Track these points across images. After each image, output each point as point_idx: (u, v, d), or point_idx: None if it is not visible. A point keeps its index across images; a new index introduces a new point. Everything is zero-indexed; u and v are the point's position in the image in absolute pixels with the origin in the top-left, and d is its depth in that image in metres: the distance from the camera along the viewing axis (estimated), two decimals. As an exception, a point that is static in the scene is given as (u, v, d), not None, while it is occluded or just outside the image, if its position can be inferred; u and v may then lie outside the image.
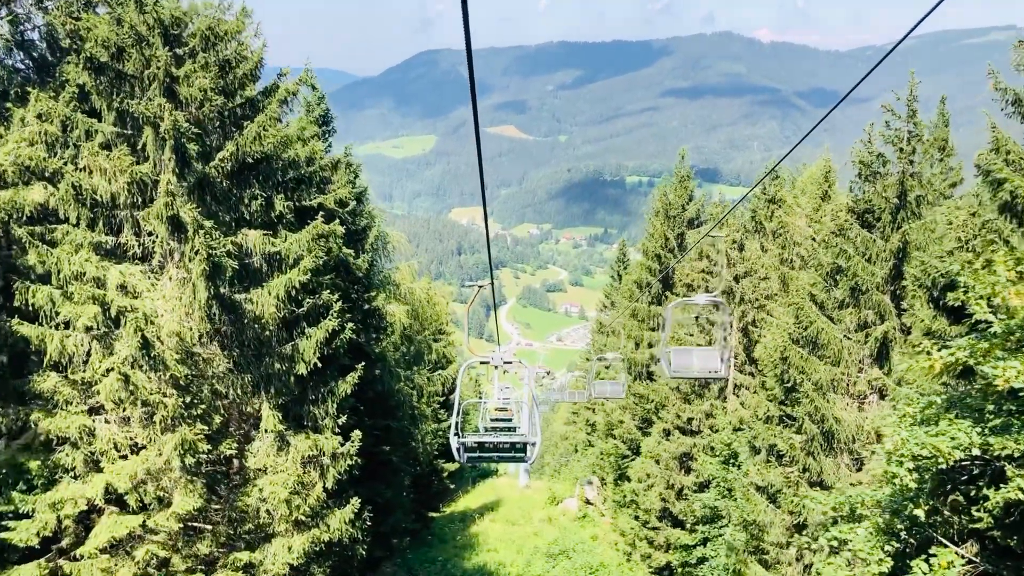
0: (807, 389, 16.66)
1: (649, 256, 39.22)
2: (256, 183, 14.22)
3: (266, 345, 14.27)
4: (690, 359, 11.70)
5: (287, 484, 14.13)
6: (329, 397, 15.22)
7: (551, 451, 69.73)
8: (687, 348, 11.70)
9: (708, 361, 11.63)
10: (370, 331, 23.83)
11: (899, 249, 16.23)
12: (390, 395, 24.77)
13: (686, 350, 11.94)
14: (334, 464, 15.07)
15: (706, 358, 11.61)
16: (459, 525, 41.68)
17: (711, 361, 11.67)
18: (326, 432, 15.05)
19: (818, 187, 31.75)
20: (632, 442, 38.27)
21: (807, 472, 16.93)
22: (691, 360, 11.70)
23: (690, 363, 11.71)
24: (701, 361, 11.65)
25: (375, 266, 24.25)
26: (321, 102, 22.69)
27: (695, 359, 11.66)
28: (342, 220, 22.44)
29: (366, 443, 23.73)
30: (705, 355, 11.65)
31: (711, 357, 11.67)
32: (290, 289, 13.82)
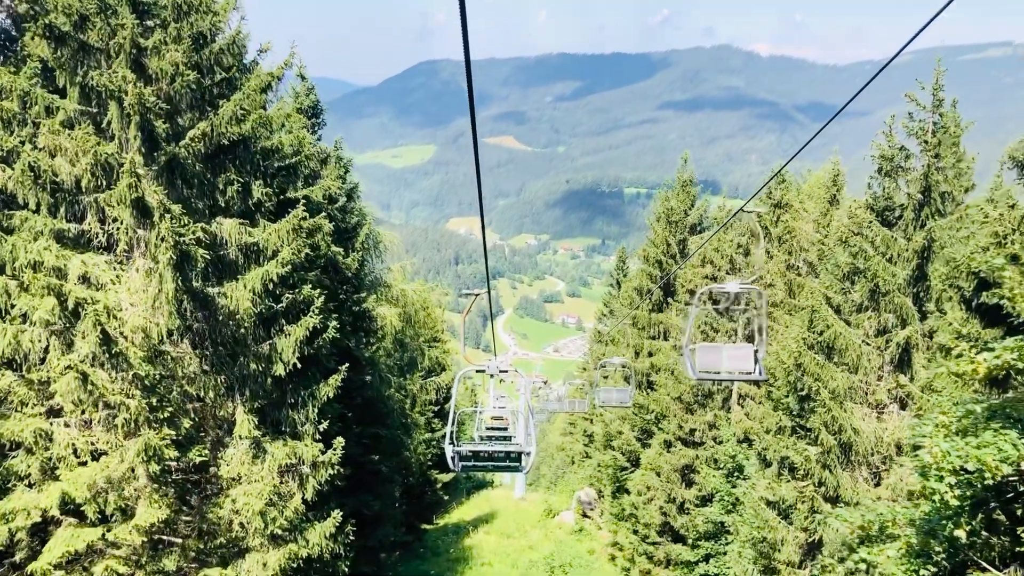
0: (824, 398, 15.56)
1: (650, 262, 38.18)
2: (232, 168, 13.13)
3: (241, 344, 13.15)
4: (718, 358, 9.96)
5: (262, 495, 12.98)
6: (310, 401, 14.07)
7: (547, 462, 68.87)
8: (715, 345, 9.89)
9: (740, 361, 9.94)
10: (360, 334, 22.72)
11: (923, 248, 15.17)
12: (380, 401, 23.63)
13: (714, 347, 10.13)
14: (314, 473, 13.92)
15: (737, 357, 9.93)
16: (452, 537, 40.73)
17: (743, 360, 9.95)
18: (306, 439, 13.90)
19: (826, 191, 30.76)
20: (631, 454, 37.19)
21: (823, 486, 15.81)
22: (719, 359, 9.96)
23: (718, 362, 9.96)
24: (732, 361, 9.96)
25: (366, 266, 23.16)
26: (310, 93, 21.66)
27: (724, 358, 9.96)
28: (331, 216, 21.38)
29: (354, 452, 22.65)
30: (736, 353, 9.99)
31: (743, 356, 9.97)
32: (267, 282, 12.71)
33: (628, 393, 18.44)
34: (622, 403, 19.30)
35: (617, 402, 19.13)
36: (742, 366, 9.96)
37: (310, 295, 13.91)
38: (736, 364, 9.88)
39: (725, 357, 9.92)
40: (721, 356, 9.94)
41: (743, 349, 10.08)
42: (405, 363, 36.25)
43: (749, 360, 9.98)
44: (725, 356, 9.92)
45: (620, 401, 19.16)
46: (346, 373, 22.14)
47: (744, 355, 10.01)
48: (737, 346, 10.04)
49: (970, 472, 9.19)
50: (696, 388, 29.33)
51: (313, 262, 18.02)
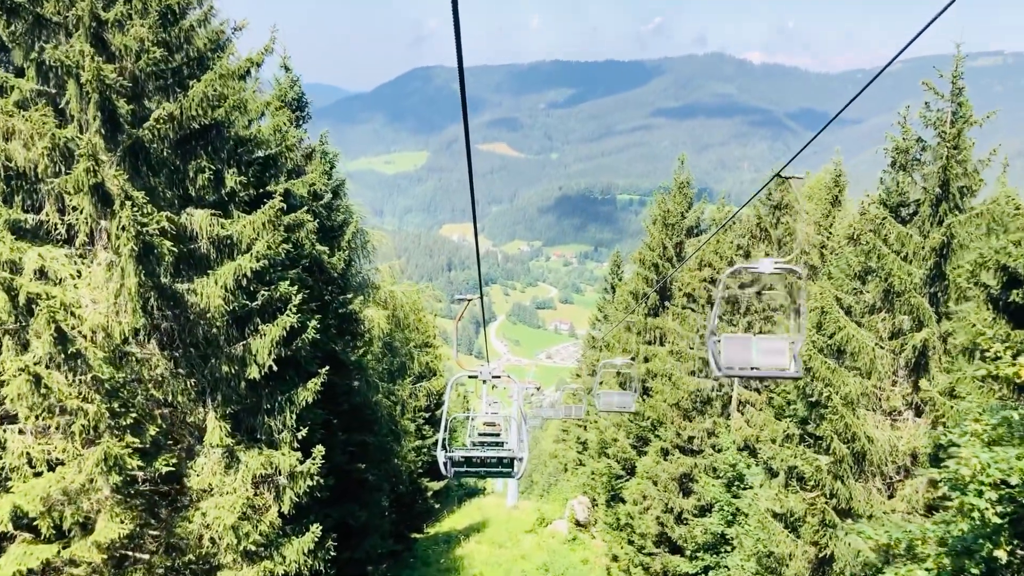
0: (835, 404, 14.65)
1: (646, 266, 37.36)
2: (204, 154, 12.17)
3: (213, 344, 12.17)
4: (747, 351, 8.51)
5: (235, 507, 11.99)
6: (287, 406, 13.09)
7: (539, 470, 68.09)
8: (743, 336, 8.60)
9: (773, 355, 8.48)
10: (346, 337, 21.73)
11: (942, 245, 14.29)
12: (367, 407, 22.62)
13: (742, 339, 8.64)
14: (292, 484, 12.93)
15: (771, 351, 8.48)
16: (443, 547, 39.71)
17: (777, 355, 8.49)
18: (283, 447, 12.92)
19: (827, 192, 30.01)
20: (627, 462, 36.29)
21: (834, 498, 14.89)
22: (749, 353, 8.51)
23: (747, 356, 8.50)
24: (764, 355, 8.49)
25: (353, 266, 22.18)
26: (295, 85, 20.70)
27: (755, 352, 8.49)
28: (315, 213, 20.44)
29: (339, 460, 21.64)
30: (769, 346, 8.52)
31: (776, 349, 8.50)
32: (240, 278, 11.74)
33: (631, 397, 17.28)
34: (624, 408, 18.08)
35: (619, 407, 17.91)
36: (775, 361, 8.58)
37: (287, 292, 12.93)
38: (768, 359, 8.48)
39: (755, 350, 8.54)
40: (751, 349, 8.57)
41: (776, 341, 8.70)
42: (395, 368, 35.25)
43: (783, 354, 8.62)
44: (755, 349, 8.55)
45: (622, 406, 17.94)
46: (332, 378, 21.29)
47: (777, 348, 8.64)
48: (769, 337, 8.66)
49: (1012, 486, 8.30)
50: (694, 394, 28.45)
51: (295, 260, 17.09)
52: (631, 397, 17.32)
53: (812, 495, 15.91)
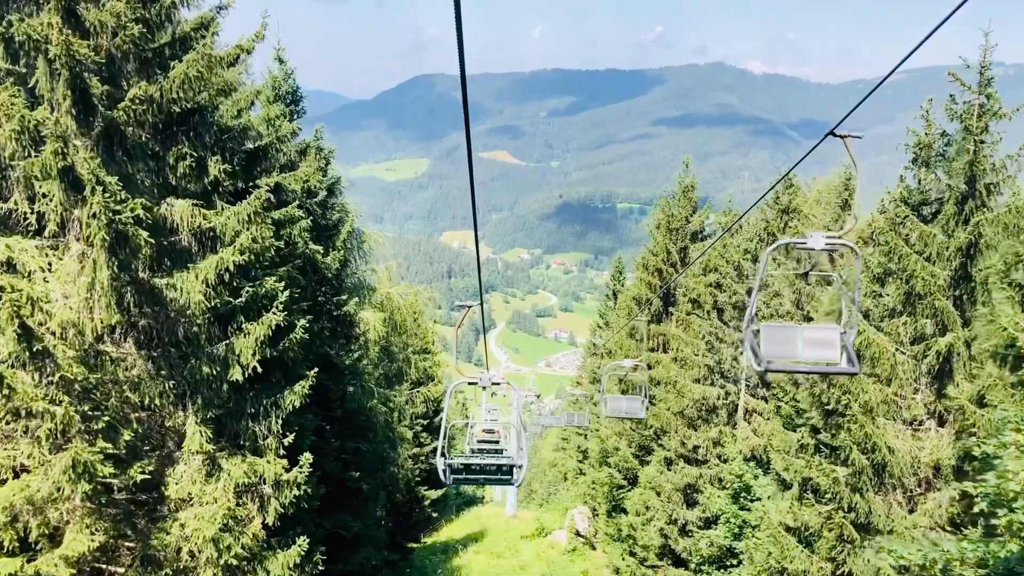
0: (855, 412, 13.84)
1: (649, 271, 36.58)
2: (185, 140, 11.40)
3: (193, 344, 11.38)
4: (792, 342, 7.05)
5: (215, 519, 11.17)
6: (273, 411, 12.27)
7: (539, 479, 67.41)
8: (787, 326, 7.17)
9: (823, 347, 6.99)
10: (340, 340, 20.95)
11: (968, 245, 13.50)
12: (362, 413, 21.81)
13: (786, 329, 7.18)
14: (277, 494, 12.12)
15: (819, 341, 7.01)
16: (441, 557, 38.91)
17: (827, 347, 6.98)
18: (268, 454, 12.11)
19: (837, 195, 29.23)
20: (629, 471, 35.45)
21: (852, 511, 14.06)
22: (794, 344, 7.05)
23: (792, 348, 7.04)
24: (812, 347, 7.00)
25: (348, 267, 21.40)
26: (289, 77, 19.96)
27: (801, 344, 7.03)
28: (309, 211, 19.72)
29: (332, 468, 20.82)
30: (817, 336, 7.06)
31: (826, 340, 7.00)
32: (222, 272, 10.95)
33: (639, 403, 16.24)
34: (632, 414, 17.01)
35: (627, 413, 16.84)
36: (824, 354, 7.11)
37: (274, 289, 12.13)
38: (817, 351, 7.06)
39: (801, 341, 7.16)
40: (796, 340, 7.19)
41: (825, 331, 7.24)
42: (392, 374, 34.43)
43: (833, 346, 7.11)
44: (801, 340, 7.17)
45: (630, 412, 16.88)
46: (325, 382, 20.54)
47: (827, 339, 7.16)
48: (817, 327, 7.36)
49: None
50: (700, 403, 27.64)
51: (286, 258, 16.32)
52: (640, 403, 16.21)
53: (827, 508, 15.08)
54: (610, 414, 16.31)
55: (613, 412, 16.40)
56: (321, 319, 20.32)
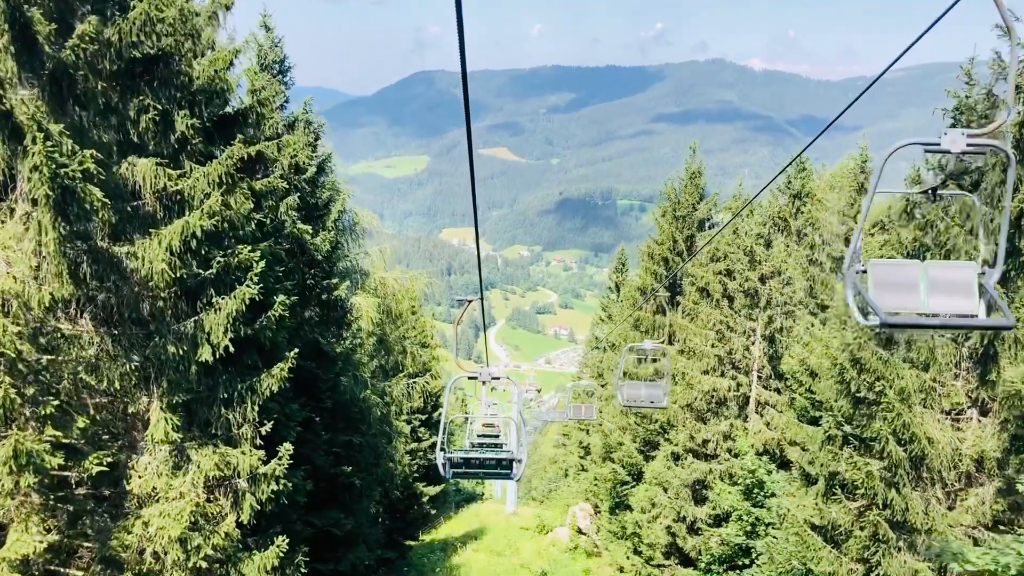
0: (890, 399, 12.59)
1: (655, 260, 35.36)
2: (148, 91, 10.15)
3: (158, 320, 10.14)
4: (912, 289, 5.15)
5: (182, 516, 9.93)
6: (248, 396, 11.02)
7: (539, 475, 66.53)
8: (906, 264, 5.24)
9: (951, 292, 5.16)
10: (330, 326, 19.72)
11: (1018, 216, 12.25)
12: (354, 404, 20.58)
13: (905, 267, 5.25)
14: (253, 488, 10.88)
15: (951, 286, 5.16)
16: (439, 555, 37.63)
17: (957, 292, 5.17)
18: (243, 444, 10.87)
19: (852, 178, 28.00)
20: (633, 467, 34.23)
21: (887, 508, 12.83)
22: (915, 291, 5.15)
23: (913, 297, 5.16)
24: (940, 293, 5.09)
25: (340, 249, 20.15)
26: (276, 46, 18.70)
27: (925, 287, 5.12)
28: (298, 188, 18.50)
29: (322, 462, 19.58)
30: (948, 278, 5.18)
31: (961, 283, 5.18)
32: (188, 239, 9.70)
33: (661, 389, 14.72)
34: (653, 403, 15.42)
35: (648, 400, 15.27)
36: (956, 304, 5.23)
37: (248, 259, 10.85)
38: (946, 301, 5.17)
39: (925, 284, 5.28)
40: (918, 284, 5.29)
41: (958, 269, 5.33)
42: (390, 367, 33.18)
43: (968, 290, 5.26)
44: (925, 282, 5.27)
45: (652, 399, 15.31)
46: (315, 371, 19.32)
47: (959, 280, 5.33)
48: (947, 264, 5.39)
49: None
50: (709, 395, 26.41)
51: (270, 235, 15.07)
52: (662, 389, 14.67)
53: (856, 504, 13.86)
54: (627, 403, 14.59)
55: (630, 400, 14.68)
56: (310, 304, 19.12)
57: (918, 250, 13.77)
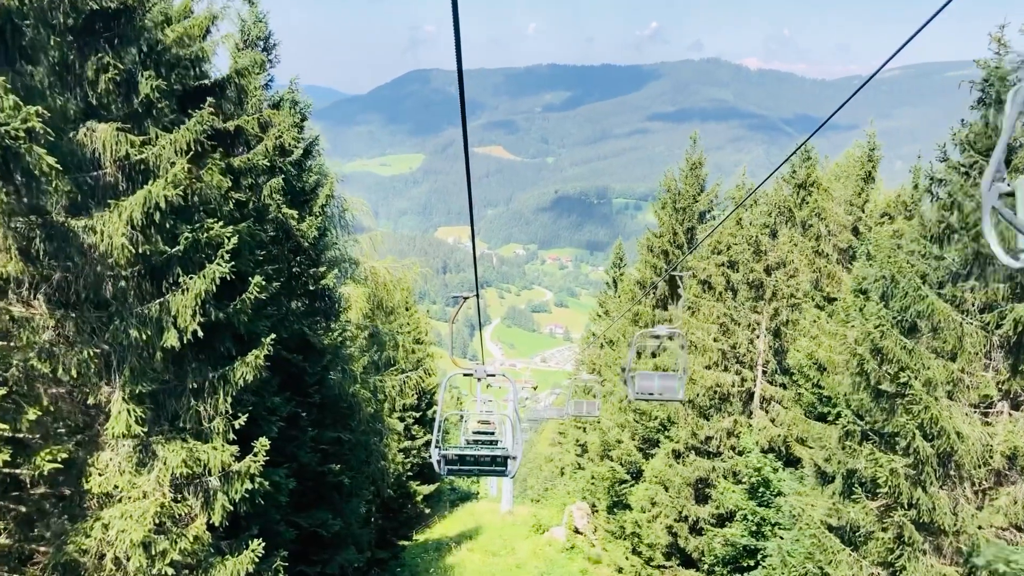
0: (916, 392, 11.68)
1: (654, 253, 34.52)
2: (107, 48, 9.19)
3: (119, 301, 9.18)
4: None
5: (146, 517, 8.98)
6: (220, 386, 10.06)
7: (535, 473, 65.81)
8: None
9: None
10: (317, 317, 18.76)
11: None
12: (343, 399, 19.63)
13: None
14: (225, 487, 9.92)
15: None
16: (433, 555, 36.88)
17: None
18: (215, 439, 9.91)
19: (860, 167, 27.16)
20: (632, 465, 33.43)
21: (913, 508, 11.93)
22: None
23: None
24: None
25: (327, 237, 19.18)
26: (260, 22, 17.73)
27: None
28: (282, 170, 17.54)
29: (309, 460, 18.62)
30: None
31: None
32: (151, 211, 8.75)
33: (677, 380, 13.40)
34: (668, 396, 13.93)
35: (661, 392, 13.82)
36: None
37: (219, 235, 9.88)
38: None
39: None
40: None
41: None
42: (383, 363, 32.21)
43: None
44: None
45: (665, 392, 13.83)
46: (301, 364, 18.35)
47: None
48: None
49: None
50: (712, 390, 25.50)
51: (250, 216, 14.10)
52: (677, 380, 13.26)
53: (875, 504, 12.96)
54: (639, 394, 13.20)
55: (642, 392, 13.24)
56: (296, 293, 18.17)
57: (943, 232, 12.88)
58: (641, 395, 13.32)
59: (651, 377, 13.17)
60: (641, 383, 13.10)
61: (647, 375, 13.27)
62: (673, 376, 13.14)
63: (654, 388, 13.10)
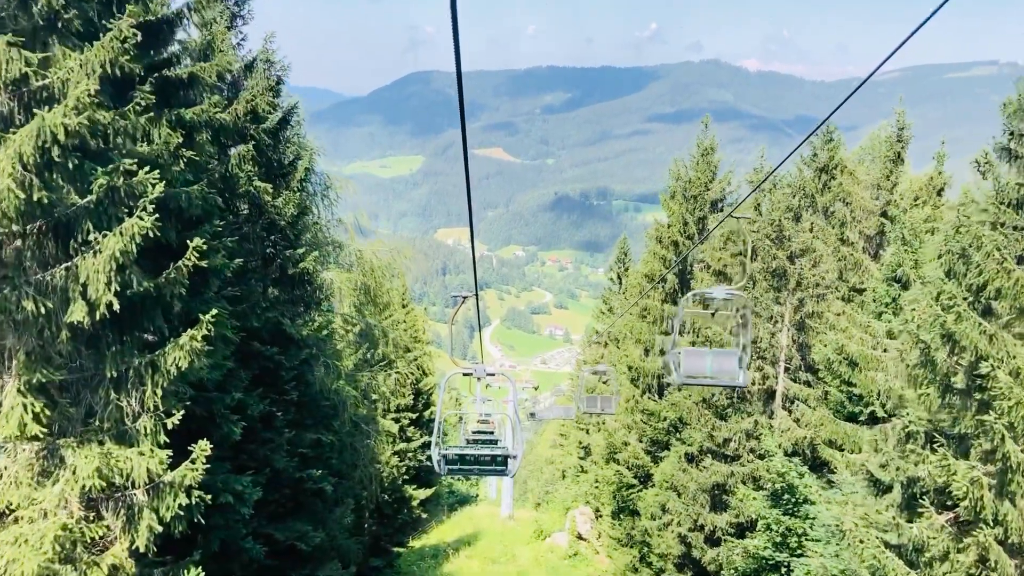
0: (1002, 386, 9.65)
1: (664, 244, 32.55)
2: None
3: (13, 267, 7.19)
4: None
5: (44, 543, 6.97)
6: (149, 375, 8.03)
7: (535, 476, 64.53)
8: None
9: None
10: (296, 304, 16.75)
11: None
12: (324, 397, 17.60)
13: None
14: (155, 502, 7.90)
15: None
16: (430, 562, 35.54)
17: None
18: (142, 442, 7.89)
19: (888, 148, 25.17)
20: (640, 469, 31.56)
21: (999, 525, 9.91)
22: None
23: None
24: None
25: (307, 216, 17.15)
26: (231, -26, 15.75)
27: None
28: (254, 138, 15.57)
29: (285, 466, 16.51)
30: None
31: None
32: (47, 144, 6.76)
33: (736, 358, 10.48)
34: (728, 379, 10.82)
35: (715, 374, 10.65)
36: None
37: (142, 182, 7.81)
38: None
39: None
40: None
41: None
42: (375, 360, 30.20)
43: None
44: None
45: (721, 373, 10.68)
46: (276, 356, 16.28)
47: None
48: None
49: None
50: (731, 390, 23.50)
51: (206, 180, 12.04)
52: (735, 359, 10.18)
53: (944, 518, 10.93)
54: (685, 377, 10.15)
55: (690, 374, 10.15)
56: (270, 277, 16.15)
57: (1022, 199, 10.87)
58: (690, 378, 10.50)
59: (702, 355, 10.32)
60: (691, 362, 10.28)
61: (697, 352, 10.54)
62: (732, 354, 10.40)
63: (706, 368, 10.29)
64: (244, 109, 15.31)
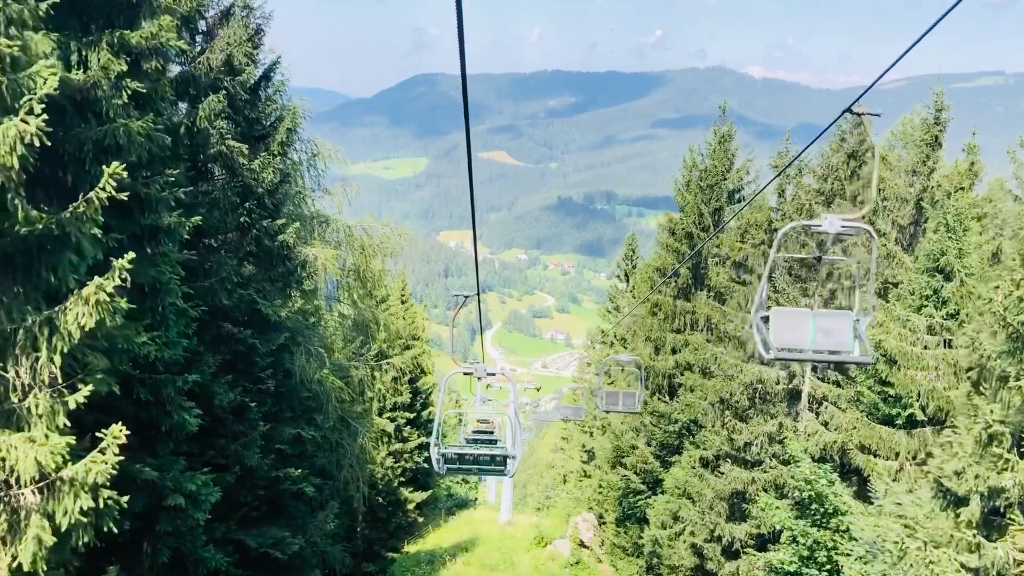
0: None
1: (677, 237, 30.83)
2: None
3: None
4: None
5: None
6: (45, 337, 6.15)
7: (535, 480, 63.23)
8: None
9: None
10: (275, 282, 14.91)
11: None
12: (305, 387, 15.74)
13: None
14: (49, 504, 6.03)
15: None
16: (426, 568, 34.23)
17: None
18: (33, 425, 6.04)
19: (925, 131, 23.29)
20: (648, 474, 29.86)
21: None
22: None
23: None
24: None
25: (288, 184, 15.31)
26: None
27: None
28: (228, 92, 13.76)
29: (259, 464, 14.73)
30: None
31: None
32: None
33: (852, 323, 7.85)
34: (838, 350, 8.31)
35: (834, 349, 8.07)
36: None
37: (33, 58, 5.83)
38: None
39: None
40: None
41: None
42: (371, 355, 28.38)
43: None
44: None
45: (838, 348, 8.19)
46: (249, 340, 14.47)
47: None
48: None
49: None
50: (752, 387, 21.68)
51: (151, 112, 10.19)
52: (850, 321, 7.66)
53: None
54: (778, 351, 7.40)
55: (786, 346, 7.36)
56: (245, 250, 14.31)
57: None
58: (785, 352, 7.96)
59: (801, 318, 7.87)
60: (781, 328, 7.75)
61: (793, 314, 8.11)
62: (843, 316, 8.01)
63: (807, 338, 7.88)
64: (218, 59, 13.54)
